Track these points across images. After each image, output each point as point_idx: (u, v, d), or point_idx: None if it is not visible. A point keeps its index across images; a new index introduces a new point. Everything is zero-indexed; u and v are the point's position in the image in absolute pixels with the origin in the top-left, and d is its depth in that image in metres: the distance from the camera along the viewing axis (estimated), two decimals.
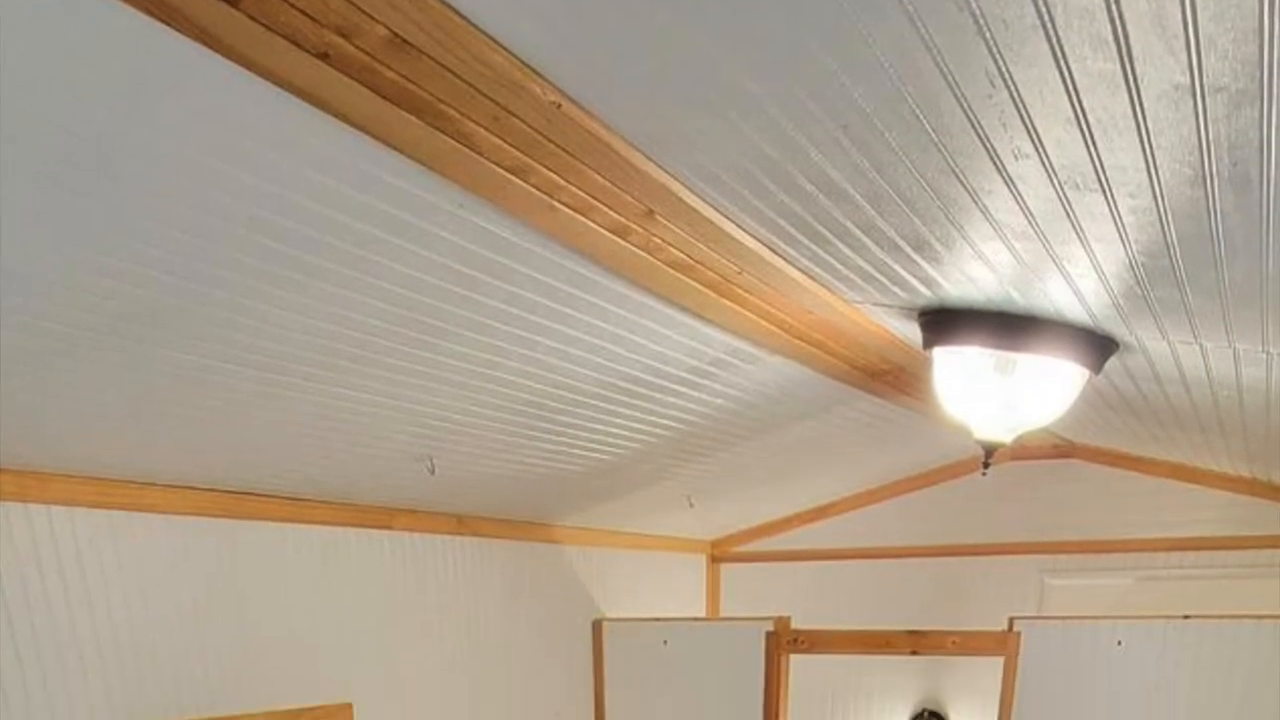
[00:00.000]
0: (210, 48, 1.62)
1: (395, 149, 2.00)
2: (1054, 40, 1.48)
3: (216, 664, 4.12)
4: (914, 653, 5.70)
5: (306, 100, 1.80)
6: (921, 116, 1.79)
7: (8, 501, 3.39)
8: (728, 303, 3.07)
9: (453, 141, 1.99)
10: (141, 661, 3.83)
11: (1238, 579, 6.20)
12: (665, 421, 4.28)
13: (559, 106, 1.89)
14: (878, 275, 2.83)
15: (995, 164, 1.95)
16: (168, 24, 1.55)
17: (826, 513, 7.30)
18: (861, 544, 7.20)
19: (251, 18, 1.57)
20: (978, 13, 1.43)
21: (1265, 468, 5.49)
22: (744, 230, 2.53)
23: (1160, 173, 1.89)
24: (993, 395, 3.31)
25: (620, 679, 6.46)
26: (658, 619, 6.45)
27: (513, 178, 2.16)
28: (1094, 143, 1.79)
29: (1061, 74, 1.57)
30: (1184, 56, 1.48)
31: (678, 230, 2.51)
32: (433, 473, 4.22)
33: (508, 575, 5.69)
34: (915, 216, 2.29)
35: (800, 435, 5.02)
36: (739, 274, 2.85)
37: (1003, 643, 5.32)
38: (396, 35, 1.65)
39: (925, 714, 7.11)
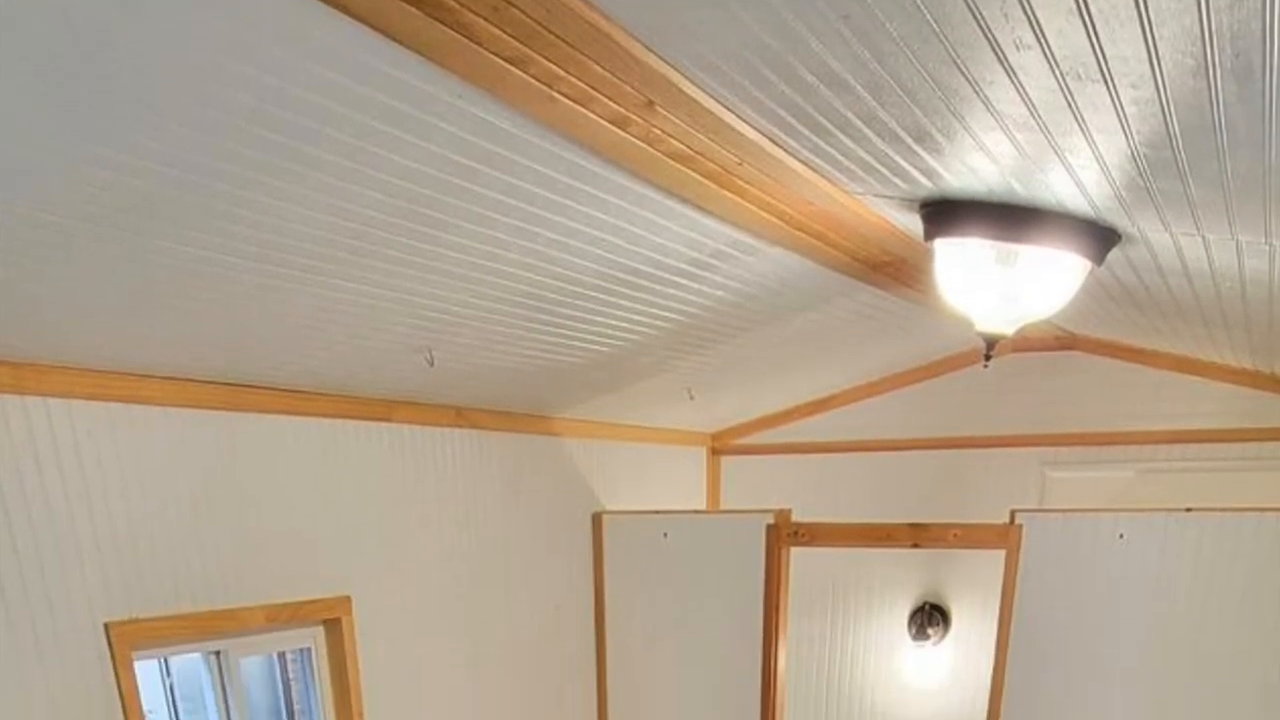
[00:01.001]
0: None
1: (395, 40, 2.01)
2: None
3: (215, 556, 4.17)
4: (915, 545, 5.76)
5: None
6: (923, 6, 1.80)
7: (5, 394, 3.43)
8: (728, 194, 3.09)
9: (452, 32, 2.00)
10: (140, 554, 3.88)
11: (1240, 471, 6.25)
12: (665, 313, 4.30)
13: None
14: (879, 166, 2.85)
15: (997, 54, 1.96)
16: None
17: (827, 405, 7.35)
18: (862, 436, 7.26)
19: None
20: None
21: (1268, 360, 5.51)
22: (744, 121, 2.54)
23: (1162, 63, 1.90)
24: (994, 287, 3.33)
25: (620, 572, 6.53)
26: (658, 511, 6.52)
27: (512, 68, 2.17)
28: (1096, 33, 1.81)
29: None
30: None
31: (678, 121, 2.52)
32: (431, 364, 4.24)
33: (507, 467, 5.74)
34: (916, 107, 2.31)
35: (801, 327, 5.04)
36: (739, 165, 2.87)
37: (1004, 535, 5.38)
38: None
39: (926, 607, 7.19)
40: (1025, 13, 1.76)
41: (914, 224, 3.36)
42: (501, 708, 5.86)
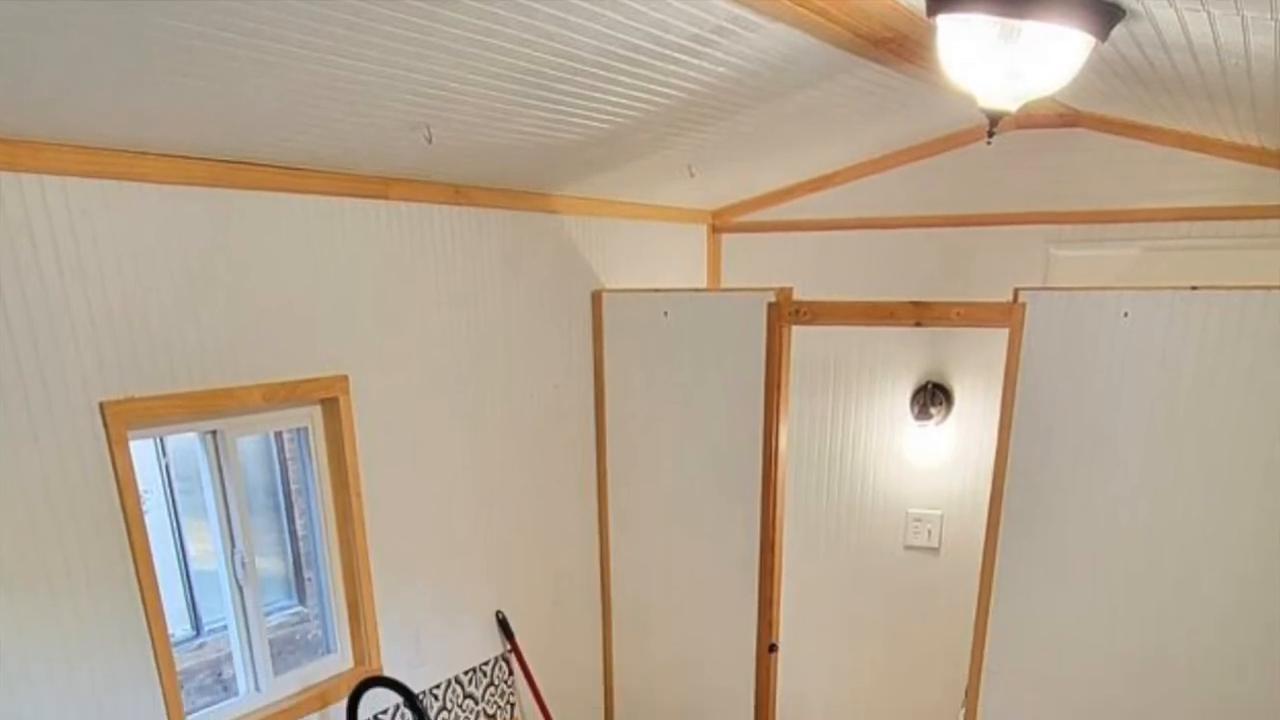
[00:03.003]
0: None
1: None
2: None
3: (211, 335, 4.26)
4: (918, 324, 5.82)
5: None
6: None
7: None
8: None
9: None
10: (135, 333, 3.96)
11: (1245, 249, 6.30)
12: (666, 90, 4.32)
13: None
14: None
15: None
16: None
17: (829, 182, 7.38)
18: (865, 214, 7.32)
19: None
20: None
21: (1274, 137, 5.51)
22: None
23: None
24: (997, 63, 3.36)
25: (620, 350, 6.65)
26: (658, 290, 6.61)
27: None
28: None
29: None
30: None
31: None
32: (429, 142, 4.28)
33: (505, 245, 5.81)
34: None
35: (802, 104, 5.05)
36: None
37: (1008, 314, 5.44)
38: None
39: (929, 386, 7.30)
40: None
41: None
42: (500, 486, 6.02)
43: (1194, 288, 5.07)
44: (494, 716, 6.13)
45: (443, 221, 5.34)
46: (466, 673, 5.89)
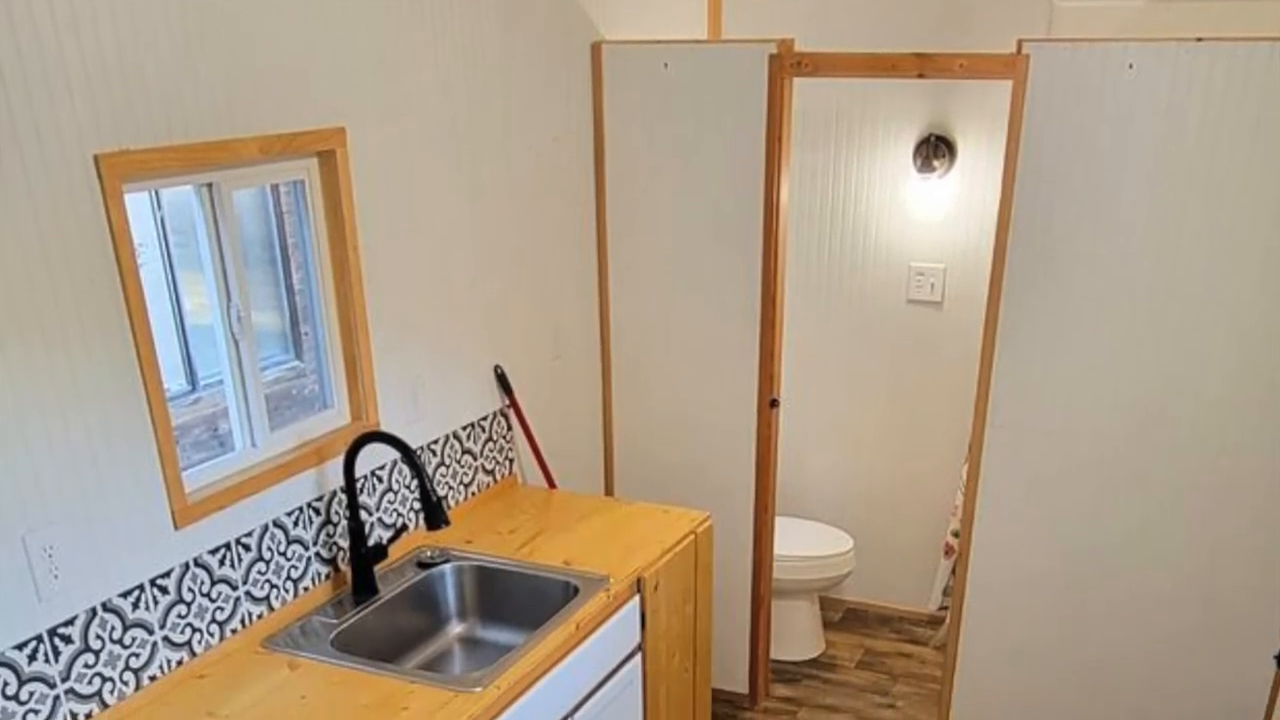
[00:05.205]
0: None
1: None
2: None
3: (208, 88, 4.24)
4: (921, 76, 5.81)
5: None
6: None
7: None
8: None
9: None
10: (130, 85, 3.94)
11: (1251, 0, 6.27)
12: None
13: None
14: None
15: None
16: None
17: None
18: None
19: None
20: None
21: None
22: None
23: None
24: None
25: (620, 103, 6.65)
26: (658, 41, 6.58)
27: None
28: None
29: None
30: None
31: None
32: None
33: None
34: None
35: None
36: None
37: (1011, 65, 5.44)
38: None
39: (932, 138, 7.34)
40: None
41: None
42: (498, 240, 6.07)
43: (1199, 39, 5.08)
44: (492, 472, 6.27)
45: None
46: (465, 428, 6.01)
